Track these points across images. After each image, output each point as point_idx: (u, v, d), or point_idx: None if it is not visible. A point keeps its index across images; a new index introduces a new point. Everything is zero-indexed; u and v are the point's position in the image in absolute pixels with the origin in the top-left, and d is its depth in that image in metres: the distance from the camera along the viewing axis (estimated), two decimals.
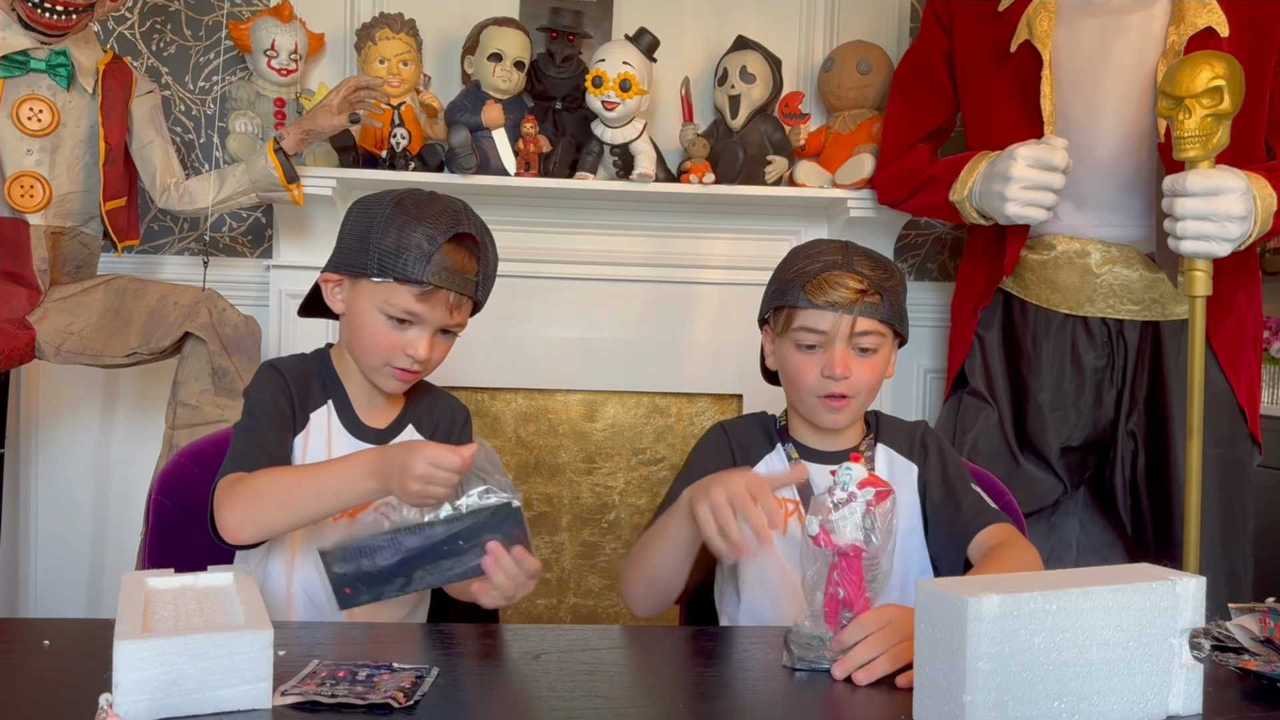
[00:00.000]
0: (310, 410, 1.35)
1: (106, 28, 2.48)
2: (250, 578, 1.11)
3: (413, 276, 1.25)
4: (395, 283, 1.27)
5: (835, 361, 1.33)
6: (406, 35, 2.38)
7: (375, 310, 1.29)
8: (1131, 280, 2.01)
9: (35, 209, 2.04)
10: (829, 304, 1.32)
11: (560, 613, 2.63)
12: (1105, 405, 2.06)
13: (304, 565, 1.31)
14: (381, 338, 1.30)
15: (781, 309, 1.37)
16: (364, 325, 1.31)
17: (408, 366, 1.31)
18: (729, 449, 1.42)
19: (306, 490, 1.18)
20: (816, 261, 1.35)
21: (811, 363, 1.35)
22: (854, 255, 1.36)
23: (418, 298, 1.27)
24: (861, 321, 1.33)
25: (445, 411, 1.44)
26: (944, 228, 2.68)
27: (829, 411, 1.37)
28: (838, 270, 1.33)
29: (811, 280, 1.33)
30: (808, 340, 1.35)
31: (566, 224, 2.53)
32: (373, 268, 1.27)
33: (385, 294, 1.28)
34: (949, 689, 0.88)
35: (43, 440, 2.53)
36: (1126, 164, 1.98)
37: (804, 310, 1.34)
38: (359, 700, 0.91)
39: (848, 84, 2.44)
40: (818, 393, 1.36)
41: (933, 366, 2.65)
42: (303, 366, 1.38)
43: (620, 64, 2.29)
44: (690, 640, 1.19)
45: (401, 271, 1.26)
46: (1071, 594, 0.90)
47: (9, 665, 1.01)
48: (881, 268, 1.37)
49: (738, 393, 2.62)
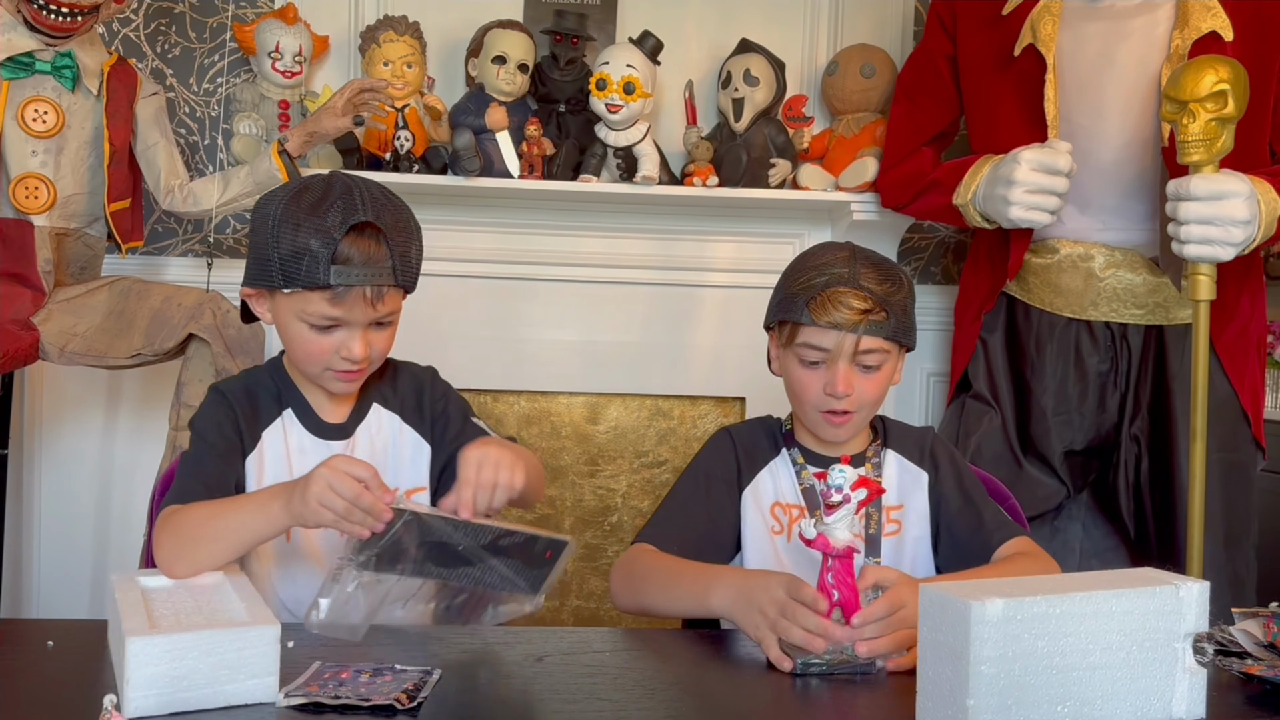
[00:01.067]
0: (262, 428, 1.30)
1: (111, 30, 2.49)
2: (244, 575, 1.13)
3: (318, 281, 1.18)
4: (304, 290, 1.20)
5: (838, 380, 1.32)
6: (411, 38, 2.39)
7: (295, 320, 1.23)
8: (1135, 284, 2.01)
9: (40, 210, 2.04)
10: (831, 324, 1.30)
11: (562, 615, 2.63)
12: (1109, 409, 2.06)
13: (284, 579, 1.30)
14: (311, 345, 1.24)
15: (786, 322, 1.36)
16: (291, 336, 1.25)
17: (347, 368, 1.25)
18: (734, 454, 1.41)
19: (222, 524, 1.14)
20: (822, 275, 1.32)
21: (814, 379, 1.34)
22: (860, 267, 1.33)
23: (330, 302, 1.20)
24: (865, 340, 1.31)
25: (408, 382, 1.38)
26: (947, 231, 2.68)
27: (831, 426, 1.36)
28: (842, 286, 1.30)
29: (815, 297, 1.31)
30: (810, 357, 1.34)
31: (570, 226, 2.53)
32: (277, 279, 1.20)
33: (299, 303, 1.21)
34: (952, 693, 0.88)
35: (46, 441, 2.53)
36: (1130, 168, 1.98)
37: (807, 327, 1.32)
38: (362, 701, 0.91)
39: (851, 87, 2.44)
40: (820, 408, 1.35)
41: (935, 370, 2.65)
42: (251, 385, 1.33)
43: (624, 67, 2.29)
44: (693, 643, 1.19)
45: (306, 279, 1.18)
46: (1075, 598, 0.90)
47: (13, 666, 1.01)
48: (889, 279, 1.34)
49: (740, 395, 2.62)
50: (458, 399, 1.40)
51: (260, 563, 1.30)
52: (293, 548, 1.29)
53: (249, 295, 1.29)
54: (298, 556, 1.30)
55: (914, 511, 1.39)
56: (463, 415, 1.37)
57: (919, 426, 1.50)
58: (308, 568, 1.29)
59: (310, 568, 1.29)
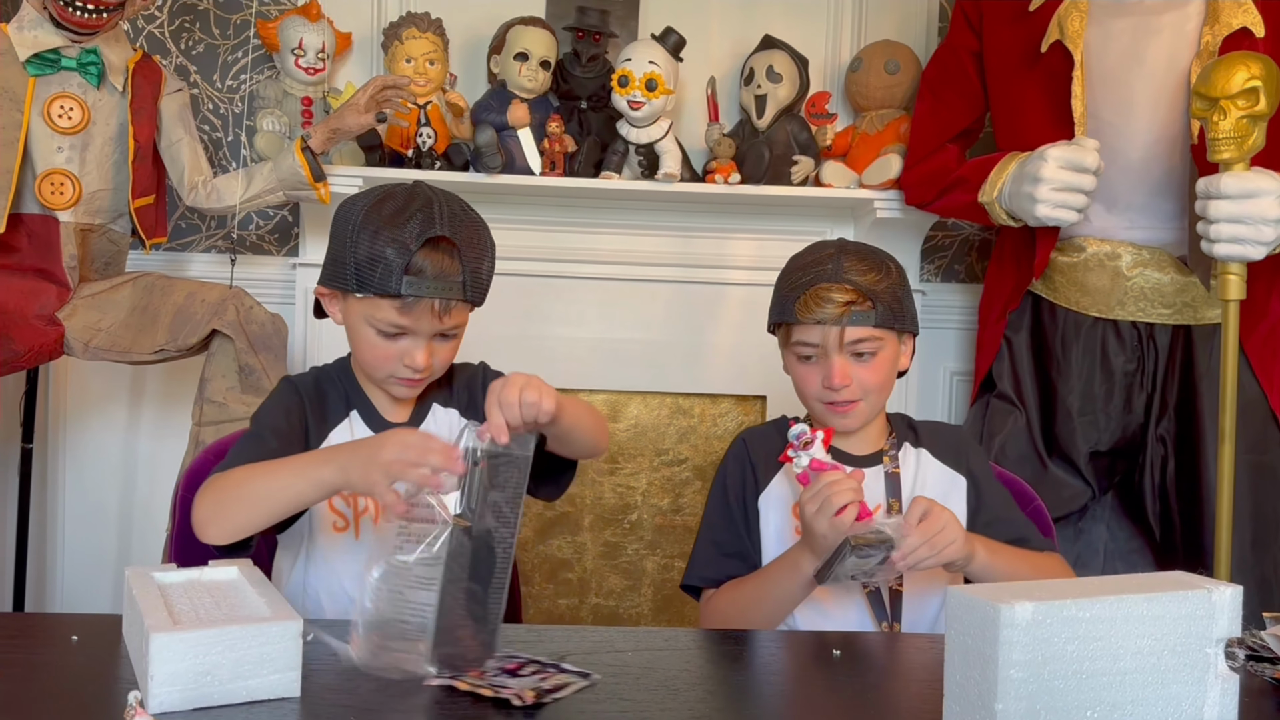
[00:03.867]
0: (330, 427, 1.32)
1: (136, 26, 2.50)
2: (258, 570, 1.12)
3: (390, 290, 1.21)
4: (375, 297, 1.22)
5: (833, 372, 1.36)
6: (433, 35, 2.39)
7: (364, 324, 1.26)
8: (1163, 283, 1.99)
9: (65, 206, 2.05)
10: (816, 320, 1.34)
11: (582, 613, 2.63)
12: (1135, 410, 2.04)
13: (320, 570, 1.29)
14: (378, 350, 1.26)
15: (781, 323, 1.40)
16: (359, 339, 1.28)
17: (409, 376, 1.28)
18: (747, 462, 1.45)
19: (262, 485, 1.14)
20: (807, 274, 1.36)
21: (813, 373, 1.38)
22: (845, 261, 1.36)
23: (399, 311, 1.23)
24: (852, 331, 1.35)
25: (463, 379, 1.41)
26: (972, 229, 2.66)
27: (837, 416, 1.39)
28: (824, 283, 1.34)
29: (800, 296, 1.35)
30: (804, 353, 1.39)
31: (591, 224, 2.52)
32: (351, 282, 1.23)
33: (369, 308, 1.24)
34: (980, 697, 0.87)
35: (70, 436, 2.55)
36: (1158, 166, 1.96)
37: (796, 326, 1.37)
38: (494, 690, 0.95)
39: (875, 84, 2.42)
40: (821, 400, 1.39)
41: (959, 369, 2.63)
42: (320, 383, 1.35)
43: (646, 63, 2.28)
44: (715, 643, 1.18)
45: (379, 286, 1.21)
46: (1105, 602, 0.89)
47: (38, 660, 1.02)
48: (874, 269, 1.37)
49: (761, 394, 2.61)
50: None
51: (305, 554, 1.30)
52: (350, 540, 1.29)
53: (322, 294, 1.32)
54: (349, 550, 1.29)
55: None
56: None
57: (949, 425, 1.50)
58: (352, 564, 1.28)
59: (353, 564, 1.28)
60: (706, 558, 1.41)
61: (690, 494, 2.64)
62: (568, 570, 2.63)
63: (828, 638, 1.18)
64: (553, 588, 2.62)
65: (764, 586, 1.33)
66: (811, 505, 1.22)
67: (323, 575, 1.29)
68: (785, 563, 1.31)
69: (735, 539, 1.40)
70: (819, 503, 1.21)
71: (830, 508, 1.21)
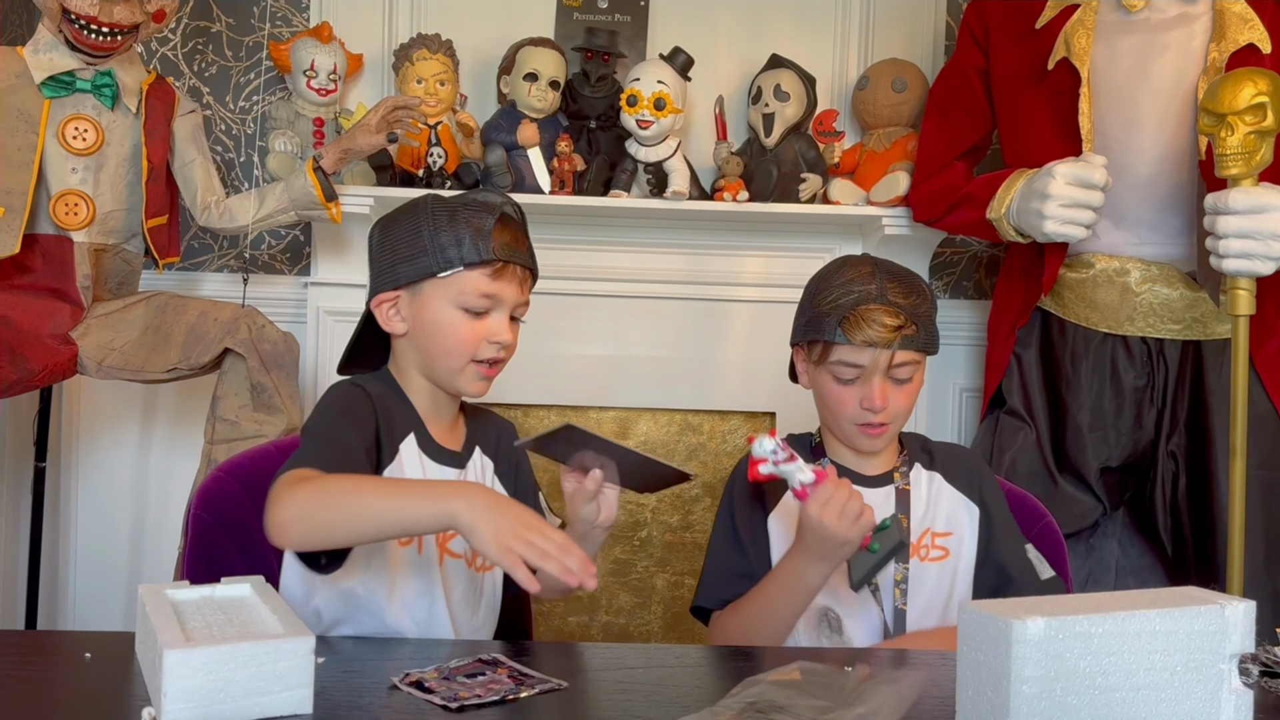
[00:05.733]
0: (399, 440, 1.28)
1: (150, 49, 2.53)
2: (270, 588, 1.12)
3: (482, 258, 1.25)
4: (465, 270, 1.25)
5: (874, 396, 1.35)
6: (444, 56, 2.41)
7: (450, 307, 1.27)
8: (1172, 299, 1.99)
9: (79, 226, 2.07)
10: (866, 342, 1.33)
11: (592, 631, 2.63)
12: (1145, 425, 2.04)
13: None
14: (463, 332, 1.27)
15: (817, 341, 1.38)
16: (440, 327, 1.27)
17: (494, 356, 1.28)
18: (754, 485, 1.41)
19: (373, 499, 1.09)
20: (849, 293, 1.35)
21: (850, 395, 1.37)
22: (886, 283, 1.35)
23: (491, 277, 1.26)
24: (898, 355, 1.34)
25: (493, 430, 1.42)
26: (980, 246, 2.67)
27: (868, 439, 1.38)
28: (872, 304, 1.33)
29: (847, 316, 1.33)
30: (846, 375, 1.37)
31: (600, 242, 2.54)
32: (438, 264, 1.26)
33: (457, 286, 1.26)
34: (992, 713, 0.87)
35: (83, 454, 2.56)
36: (1166, 182, 1.96)
37: (840, 346, 1.35)
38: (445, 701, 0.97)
39: (883, 101, 2.43)
40: (856, 421, 1.37)
41: (968, 385, 2.63)
42: (385, 390, 1.31)
43: (655, 83, 2.30)
44: (726, 660, 1.18)
45: (470, 256, 1.25)
46: (1118, 617, 0.89)
47: (51, 677, 1.02)
48: (915, 292, 1.37)
49: (771, 410, 2.61)
50: (529, 470, 1.44)
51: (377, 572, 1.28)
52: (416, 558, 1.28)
53: (381, 302, 1.31)
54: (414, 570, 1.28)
55: (964, 542, 1.39)
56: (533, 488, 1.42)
57: (964, 450, 1.50)
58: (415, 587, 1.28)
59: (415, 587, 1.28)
60: (714, 580, 1.40)
61: (700, 511, 2.64)
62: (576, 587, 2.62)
63: (839, 654, 1.18)
64: (563, 605, 2.62)
65: (767, 602, 1.31)
66: (831, 513, 1.20)
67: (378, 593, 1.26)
68: (787, 575, 1.29)
69: (743, 561, 1.39)
70: (838, 509, 1.20)
71: (852, 513, 1.20)
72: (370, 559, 1.26)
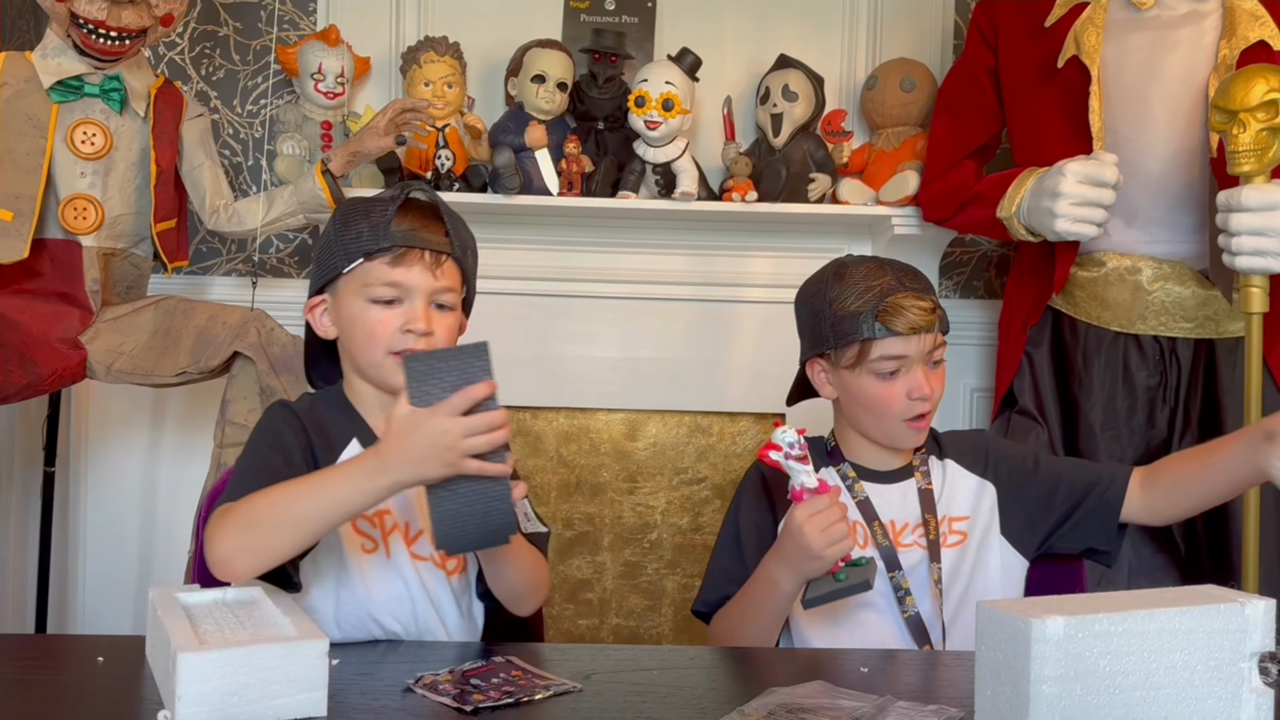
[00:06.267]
0: (340, 449, 1.27)
1: (157, 53, 2.53)
2: (280, 590, 1.12)
3: (380, 245, 1.22)
4: (366, 261, 1.23)
5: (923, 383, 1.36)
6: (451, 58, 2.41)
7: (360, 300, 1.24)
8: (1184, 297, 1.98)
9: (88, 231, 2.07)
10: (910, 328, 1.33)
11: (602, 633, 2.62)
12: (1158, 425, 2.02)
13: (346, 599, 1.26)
14: (373, 324, 1.24)
15: (851, 344, 1.36)
16: (355, 322, 1.25)
17: (411, 345, 1.22)
18: (763, 491, 1.43)
19: (301, 502, 1.08)
20: (870, 288, 1.35)
21: (895, 390, 1.36)
22: (898, 273, 1.37)
23: (391, 264, 1.23)
24: (938, 338, 1.37)
25: None
26: (990, 245, 2.66)
27: (915, 433, 1.39)
28: (899, 294, 1.34)
29: (881, 309, 1.33)
30: (888, 368, 1.36)
31: (609, 243, 2.53)
32: (341, 261, 1.24)
33: (362, 278, 1.24)
34: (1012, 713, 0.86)
35: (92, 459, 2.56)
36: (1177, 179, 1.95)
37: (882, 340, 1.34)
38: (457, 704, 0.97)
39: (891, 101, 2.43)
40: (904, 416, 1.37)
41: (979, 385, 2.61)
42: (317, 409, 1.30)
43: (663, 83, 2.29)
44: (742, 662, 1.18)
45: (368, 246, 1.23)
46: (1138, 615, 0.88)
47: (64, 681, 1.02)
48: (920, 278, 1.39)
49: (780, 412, 2.59)
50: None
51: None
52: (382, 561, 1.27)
53: (311, 309, 1.31)
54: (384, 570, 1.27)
55: (980, 523, 1.39)
56: None
57: (970, 431, 1.50)
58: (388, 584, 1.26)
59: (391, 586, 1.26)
60: (714, 584, 1.40)
61: (710, 513, 2.63)
62: (588, 590, 2.62)
63: (856, 655, 1.17)
64: (573, 608, 2.61)
65: (747, 604, 1.32)
66: (815, 525, 1.20)
67: (362, 601, 1.24)
68: (761, 577, 1.29)
69: (740, 566, 1.38)
70: (823, 524, 1.20)
71: (835, 534, 1.20)
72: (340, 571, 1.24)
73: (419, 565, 1.26)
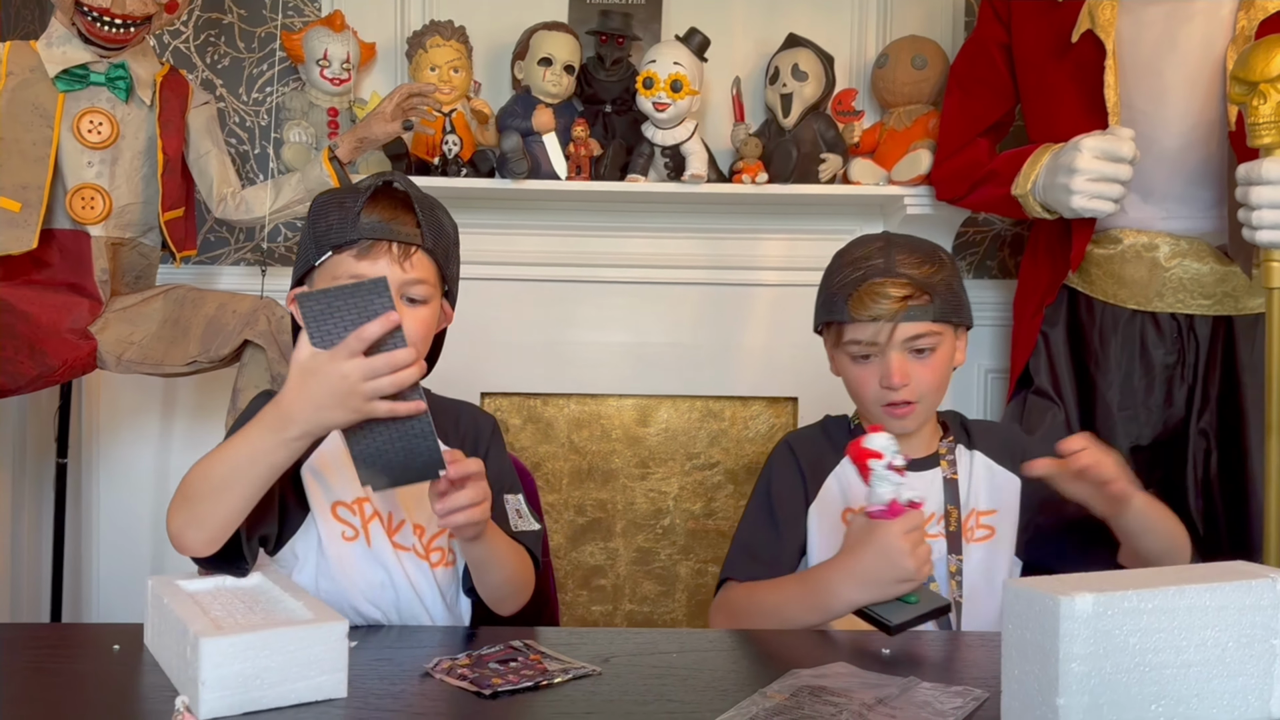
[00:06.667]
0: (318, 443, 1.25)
1: (162, 42, 2.51)
2: (282, 574, 1.12)
3: (347, 238, 1.19)
4: (335, 254, 1.20)
5: (892, 371, 1.31)
6: (457, 42, 2.39)
7: None
8: (1202, 274, 1.95)
9: (96, 220, 2.06)
10: (871, 317, 1.30)
11: (616, 620, 2.61)
12: (1176, 403, 2.00)
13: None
14: None
15: (832, 323, 1.36)
16: None
17: None
18: (796, 468, 1.40)
19: (225, 464, 1.08)
20: (858, 269, 1.32)
21: (869, 373, 1.34)
22: (896, 255, 1.32)
23: (356, 258, 1.19)
24: (910, 327, 1.31)
25: (470, 423, 1.36)
26: (1003, 224, 2.63)
27: (895, 420, 1.34)
28: (878, 278, 1.30)
29: (853, 293, 1.31)
30: (858, 352, 1.34)
31: (618, 227, 2.51)
32: (312, 254, 1.22)
33: (330, 270, 1.21)
34: (1040, 693, 0.85)
35: (104, 450, 2.56)
36: (1195, 154, 1.93)
37: (849, 324, 1.32)
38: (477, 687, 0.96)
39: (902, 79, 2.40)
40: (879, 402, 1.34)
41: (993, 366, 2.59)
42: None
43: (671, 64, 2.27)
44: (763, 643, 1.16)
45: (336, 239, 1.20)
46: (1168, 592, 0.86)
47: (80, 670, 1.01)
48: (928, 261, 1.33)
49: (793, 395, 2.58)
50: (504, 463, 1.36)
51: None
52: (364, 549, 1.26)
53: (291, 302, 1.27)
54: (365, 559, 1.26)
55: (1007, 517, 1.36)
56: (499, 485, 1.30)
57: (999, 424, 1.47)
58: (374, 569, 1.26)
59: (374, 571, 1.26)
60: (739, 558, 1.36)
61: (723, 498, 2.62)
62: (600, 577, 2.61)
63: (878, 637, 1.16)
64: (586, 594, 2.60)
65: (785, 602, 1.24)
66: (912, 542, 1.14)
67: (342, 589, 1.23)
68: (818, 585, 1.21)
69: (772, 545, 1.35)
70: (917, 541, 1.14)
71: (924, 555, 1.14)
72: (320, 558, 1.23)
73: (401, 555, 1.25)
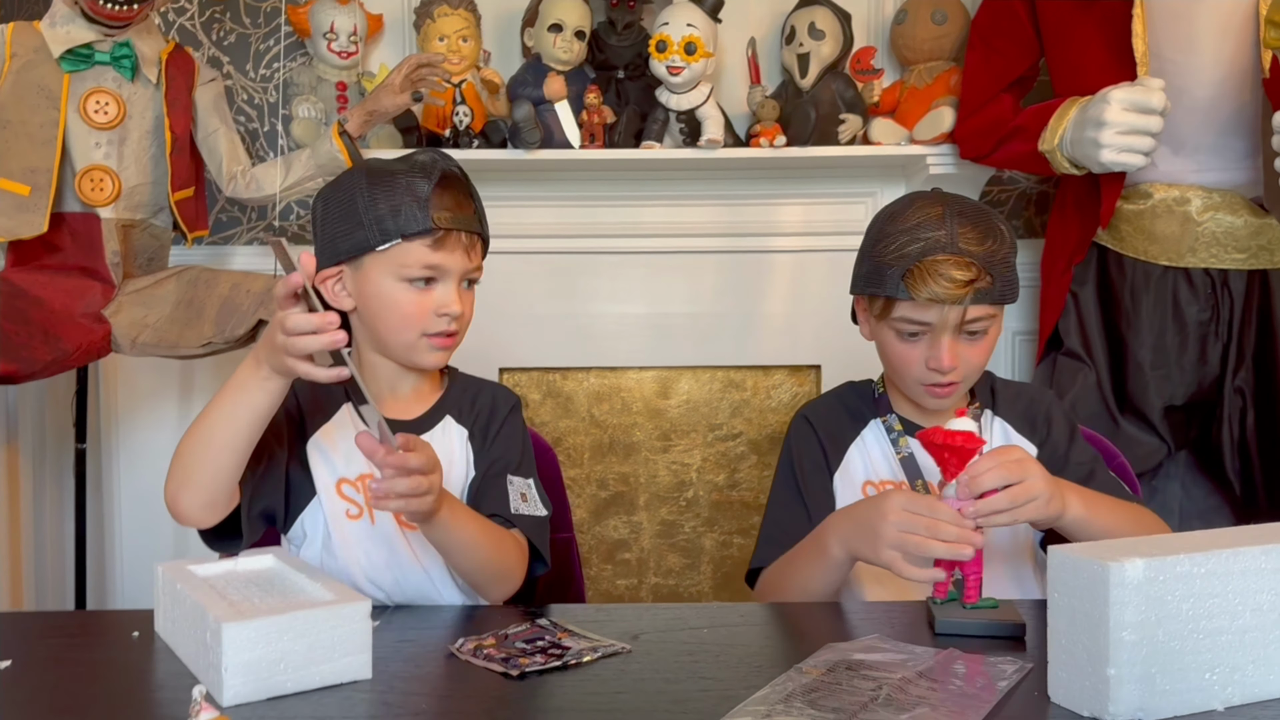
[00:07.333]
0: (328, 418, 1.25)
1: (167, 20, 2.48)
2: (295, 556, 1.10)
3: (420, 227, 1.17)
4: (404, 242, 1.17)
5: (943, 356, 1.23)
6: (465, 11, 2.34)
7: (393, 280, 1.19)
8: (1236, 227, 1.90)
9: (105, 202, 2.04)
10: (932, 299, 1.20)
11: (641, 593, 2.59)
12: (1210, 361, 1.96)
13: None
14: (409, 306, 1.19)
15: (878, 295, 1.25)
16: (385, 302, 1.20)
17: (445, 329, 1.20)
18: (816, 441, 1.34)
19: (209, 422, 1.09)
20: (915, 240, 1.21)
21: (915, 352, 1.26)
22: (958, 227, 1.21)
23: (432, 247, 1.18)
24: (969, 311, 1.22)
25: (488, 400, 1.33)
26: (1029, 182, 2.57)
27: (934, 399, 1.28)
28: (941, 254, 1.19)
29: (912, 269, 1.20)
30: (910, 330, 1.25)
31: (634, 196, 2.47)
32: (375, 238, 1.18)
33: (398, 258, 1.18)
34: (1090, 663, 0.82)
35: (123, 434, 2.55)
36: (1227, 104, 1.87)
37: (903, 303, 1.23)
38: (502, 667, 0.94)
39: (922, 35, 2.34)
40: (922, 381, 1.27)
41: (1021, 329, 2.54)
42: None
43: (684, 26, 2.22)
44: (796, 617, 1.14)
45: (406, 227, 1.17)
46: (1221, 555, 0.83)
47: (99, 657, 1.00)
48: (990, 236, 1.22)
49: (815, 363, 2.54)
50: (514, 444, 1.31)
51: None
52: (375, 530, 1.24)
53: (325, 278, 1.24)
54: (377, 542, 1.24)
55: None
56: (504, 465, 1.28)
57: (1030, 387, 1.41)
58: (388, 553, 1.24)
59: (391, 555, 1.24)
60: (769, 543, 1.31)
61: (746, 469, 2.59)
62: (625, 550, 2.59)
63: (912, 608, 1.12)
64: (611, 569, 2.58)
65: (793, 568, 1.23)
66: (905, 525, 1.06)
67: (344, 566, 1.21)
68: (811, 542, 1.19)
69: (801, 528, 1.29)
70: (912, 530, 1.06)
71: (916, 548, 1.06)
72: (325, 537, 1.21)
73: (408, 533, 1.22)
